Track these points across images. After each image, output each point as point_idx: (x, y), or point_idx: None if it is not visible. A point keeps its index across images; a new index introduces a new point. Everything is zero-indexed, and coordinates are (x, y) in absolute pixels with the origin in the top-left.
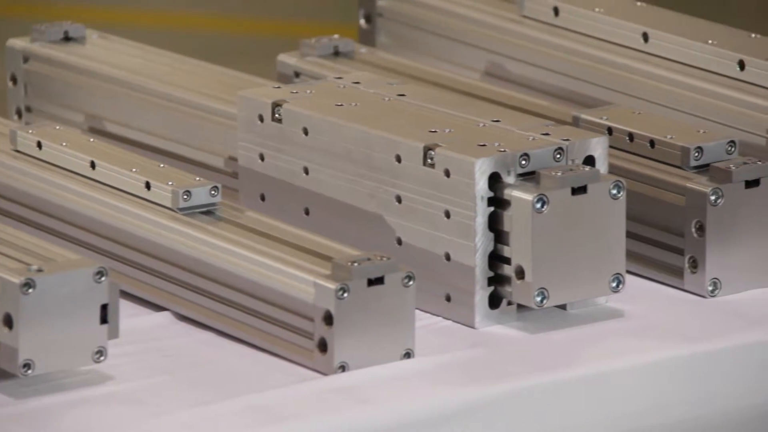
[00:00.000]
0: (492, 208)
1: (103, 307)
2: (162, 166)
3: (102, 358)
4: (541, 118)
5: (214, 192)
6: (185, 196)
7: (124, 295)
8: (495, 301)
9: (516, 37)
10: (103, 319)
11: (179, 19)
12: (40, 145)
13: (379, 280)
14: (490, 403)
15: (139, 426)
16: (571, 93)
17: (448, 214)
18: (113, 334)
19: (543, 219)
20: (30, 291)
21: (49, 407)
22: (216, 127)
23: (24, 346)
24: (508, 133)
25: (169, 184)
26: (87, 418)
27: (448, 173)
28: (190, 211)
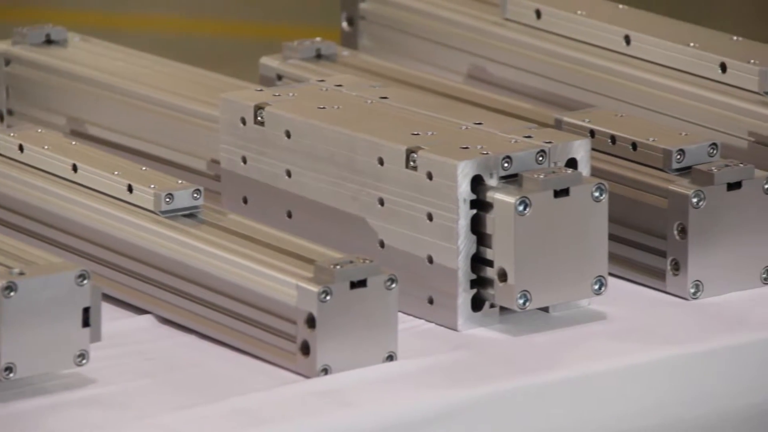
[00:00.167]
0: (474, 211)
1: (85, 311)
2: (144, 169)
3: (84, 362)
4: (524, 121)
5: (196, 195)
6: (167, 199)
7: (107, 298)
8: (477, 303)
9: (498, 40)
10: (85, 323)
11: (161, 23)
12: (21, 148)
13: (362, 283)
14: (472, 405)
15: (121, 429)
16: (554, 96)
17: (430, 217)
18: (95, 338)
19: (525, 221)
20: (12, 294)
21: (31, 411)
22: (198, 130)
23: (6, 350)
24: (491, 136)
25: (152, 187)
26: (69, 421)
27: (430, 176)
28: (173, 214)
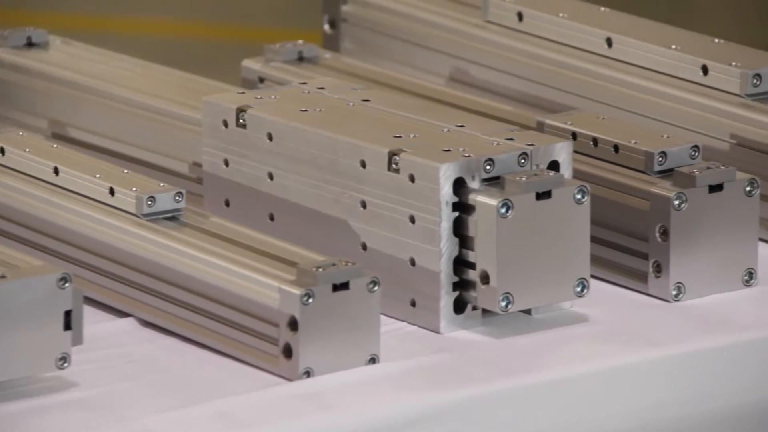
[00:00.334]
0: (457, 213)
1: (67, 314)
2: (126, 171)
3: (66, 365)
4: (506, 123)
5: (178, 198)
6: (149, 202)
7: (88, 301)
8: (460, 306)
9: (480, 43)
10: (67, 326)
11: (142, 26)
12: (3, 151)
13: (344, 286)
14: (455, 408)
15: None
16: (536, 98)
17: (412, 220)
18: (77, 341)
19: (508, 224)
20: None
21: (12, 414)
22: (180, 133)
23: None
24: (473, 138)
25: (134, 189)
26: (51, 424)
27: (412, 178)
28: (155, 217)
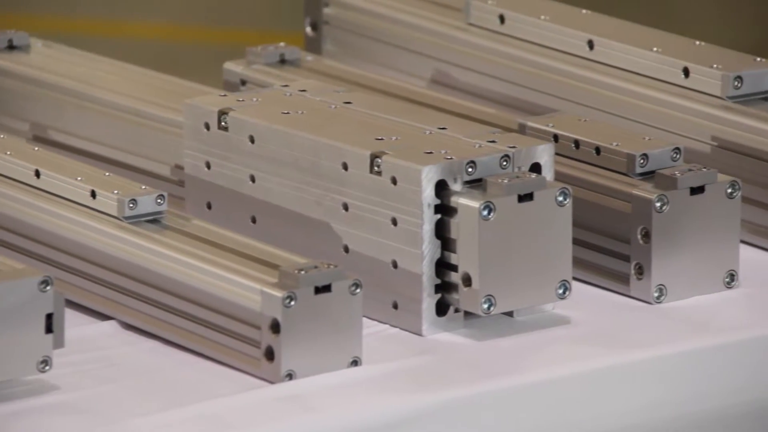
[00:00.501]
0: (439, 216)
1: (48, 317)
2: (107, 174)
3: (47, 368)
4: (488, 126)
5: (160, 200)
6: (131, 205)
7: (70, 304)
8: (442, 308)
9: (462, 45)
10: (48, 329)
11: (124, 28)
12: None
13: (326, 288)
14: (437, 410)
15: None
16: (517, 100)
17: (395, 222)
18: (58, 344)
19: (490, 226)
20: None
21: None
22: (162, 135)
23: None
24: (455, 141)
25: (115, 192)
26: (32, 428)
27: (394, 181)
28: (136, 220)
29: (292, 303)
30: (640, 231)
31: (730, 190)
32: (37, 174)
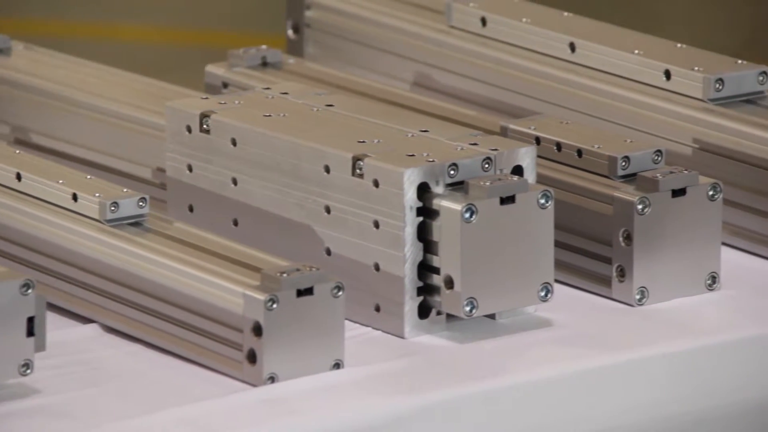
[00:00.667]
0: (421, 218)
1: (30, 320)
2: (89, 177)
3: (28, 371)
4: (470, 128)
5: (141, 203)
6: (113, 208)
7: (51, 307)
8: (424, 311)
9: (444, 48)
10: (30, 332)
11: (105, 31)
12: None
13: (309, 291)
14: (419, 413)
15: None
16: (499, 103)
17: (377, 225)
18: (40, 347)
19: (472, 229)
20: None
21: None
22: (144, 138)
23: None
24: (437, 143)
25: (97, 195)
26: (13, 431)
27: (377, 183)
28: (118, 223)
29: (275, 306)
30: (621, 233)
31: (711, 193)
32: (18, 177)
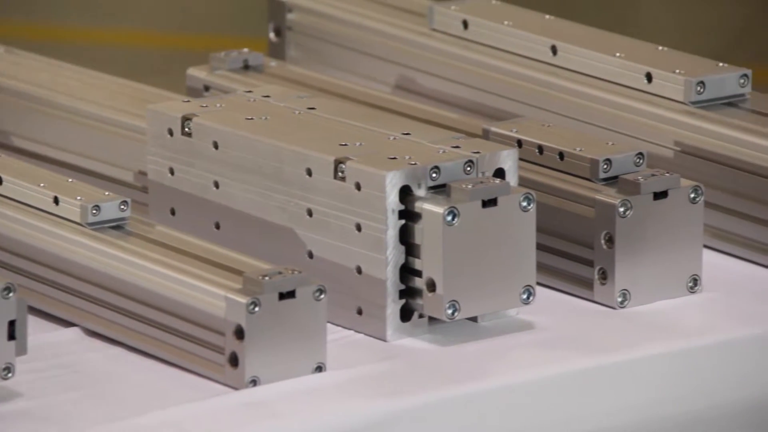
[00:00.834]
0: (403, 221)
1: (11, 324)
2: (70, 180)
3: (9, 375)
4: (451, 131)
5: (123, 206)
6: (94, 211)
7: (33, 311)
8: (406, 313)
9: (425, 50)
10: (11, 336)
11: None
12: None
13: (291, 294)
14: (402, 416)
15: None
16: (481, 106)
17: (359, 228)
18: (21, 351)
19: (454, 231)
20: None
21: None
22: (125, 141)
23: None
24: (419, 146)
25: (78, 198)
26: None
27: (359, 186)
28: (100, 226)
29: (257, 309)
30: (603, 236)
31: (693, 195)
32: None
